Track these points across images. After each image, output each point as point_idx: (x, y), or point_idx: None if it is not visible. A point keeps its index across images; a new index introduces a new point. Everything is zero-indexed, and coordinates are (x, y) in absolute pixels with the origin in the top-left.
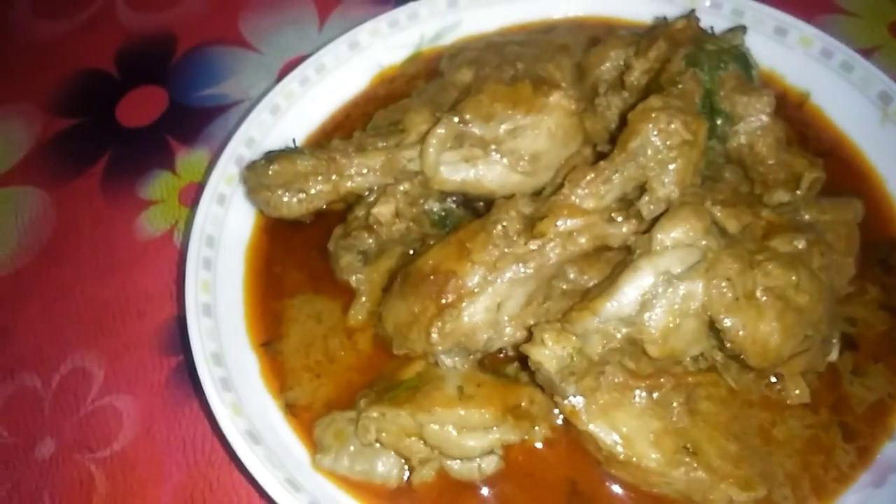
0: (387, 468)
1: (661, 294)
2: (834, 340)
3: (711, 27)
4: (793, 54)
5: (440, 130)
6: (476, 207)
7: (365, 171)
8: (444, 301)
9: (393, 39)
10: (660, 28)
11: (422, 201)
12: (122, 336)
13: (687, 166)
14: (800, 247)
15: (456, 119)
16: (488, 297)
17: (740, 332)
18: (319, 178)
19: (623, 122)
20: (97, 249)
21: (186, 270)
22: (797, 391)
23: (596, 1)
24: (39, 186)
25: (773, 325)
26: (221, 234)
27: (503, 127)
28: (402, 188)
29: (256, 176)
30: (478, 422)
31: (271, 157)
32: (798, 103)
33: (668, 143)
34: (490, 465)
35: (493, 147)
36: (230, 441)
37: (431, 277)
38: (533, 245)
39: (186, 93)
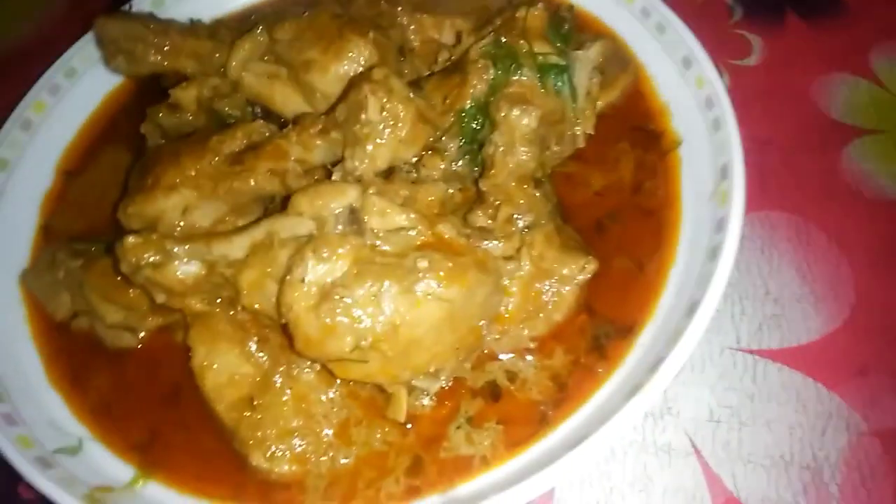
0: (64, 301)
1: (263, 248)
2: (442, 378)
3: (568, 27)
4: None
5: (247, 43)
6: (278, 123)
7: (192, 59)
8: (144, 182)
9: None
10: (507, 10)
11: (219, 101)
12: None
13: (381, 150)
14: (420, 265)
15: (265, 36)
16: (180, 198)
17: (290, 311)
18: (151, 48)
19: None
20: None
21: None
22: (395, 406)
23: None
24: None
25: (324, 321)
26: (91, 68)
27: (301, 57)
28: (213, 81)
29: (95, 26)
30: (117, 301)
31: (110, 13)
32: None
33: (374, 118)
34: (123, 339)
35: (295, 73)
36: None
37: (147, 167)
38: (232, 171)
39: None
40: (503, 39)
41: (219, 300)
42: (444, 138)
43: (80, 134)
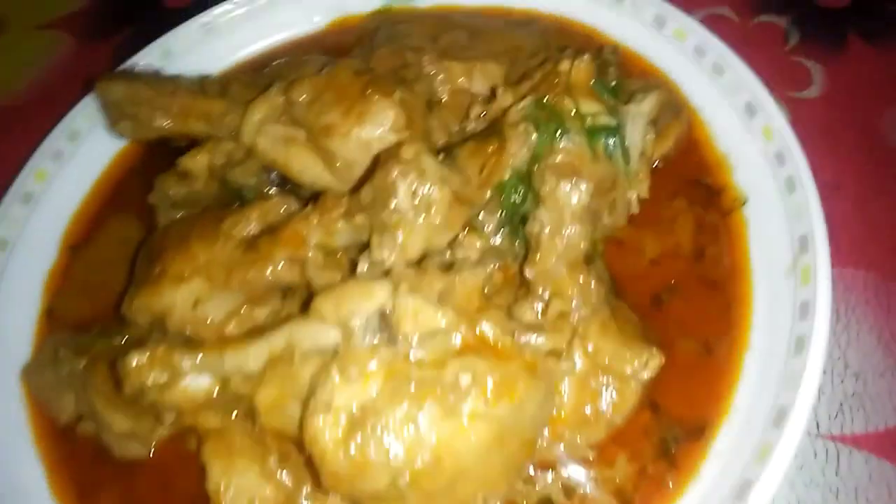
0: (67, 403)
1: (282, 362)
2: None
3: (617, 79)
4: None
5: (262, 103)
6: (297, 192)
7: (202, 121)
8: (152, 271)
9: None
10: (546, 60)
11: (232, 168)
12: None
13: (415, 240)
14: (463, 382)
15: (282, 97)
16: (190, 290)
17: (316, 444)
18: (157, 111)
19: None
20: None
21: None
22: None
23: (601, 10)
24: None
25: (354, 456)
26: (94, 129)
27: (321, 121)
28: (226, 146)
29: (95, 88)
30: (122, 409)
31: (112, 75)
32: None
33: (405, 206)
34: (132, 448)
35: (314, 137)
36: None
37: (153, 252)
38: (246, 259)
39: None
40: (545, 99)
41: (235, 413)
42: (481, 214)
43: (84, 203)
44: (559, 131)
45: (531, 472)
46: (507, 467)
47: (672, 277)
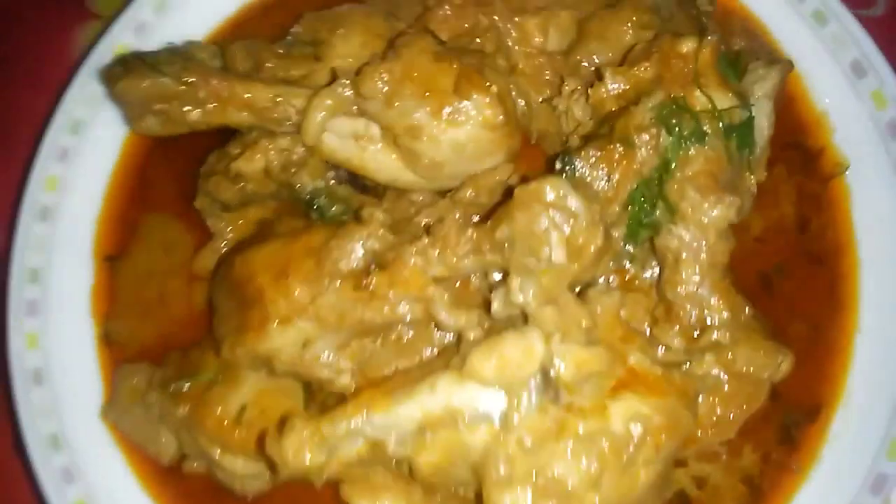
0: (168, 442)
1: (443, 426)
2: None
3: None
4: None
5: (327, 101)
6: (365, 186)
7: (245, 111)
8: (247, 321)
9: None
10: (664, 40)
11: (294, 170)
12: None
13: (557, 283)
14: (635, 432)
15: (349, 92)
16: (297, 333)
17: None
18: (189, 104)
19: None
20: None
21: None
22: None
23: None
24: None
25: None
26: (97, 114)
27: (405, 121)
28: (281, 143)
29: (110, 87)
30: (241, 453)
31: (125, 67)
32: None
33: (560, 260)
34: (254, 485)
35: (392, 135)
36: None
37: (243, 287)
38: (359, 298)
39: None
40: (674, 96)
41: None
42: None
43: (108, 206)
44: (695, 136)
45: None
46: (662, 489)
47: (778, 255)
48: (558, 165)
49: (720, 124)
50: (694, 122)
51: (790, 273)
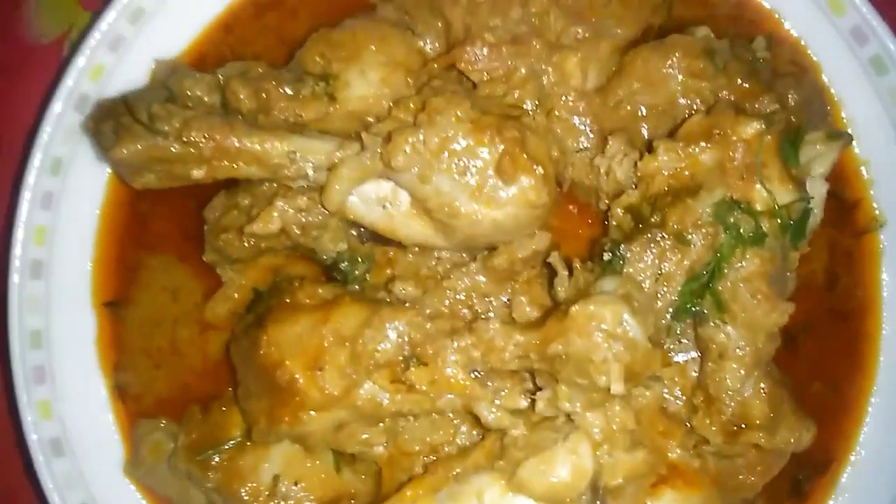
0: (197, 499)
1: None
2: None
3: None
4: None
5: (351, 167)
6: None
7: (255, 166)
8: (280, 406)
9: None
10: (725, 118)
11: (315, 234)
12: None
13: (606, 397)
14: None
15: (377, 161)
16: (330, 419)
17: None
18: (192, 164)
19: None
20: None
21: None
22: None
23: None
24: None
25: None
26: (77, 149)
27: (440, 199)
28: (299, 202)
29: (102, 153)
30: None
31: (115, 127)
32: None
33: (618, 390)
34: None
35: (423, 206)
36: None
37: (274, 372)
38: (397, 390)
39: None
40: (734, 196)
41: None
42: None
43: (102, 249)
44: (753, 236)
45: None
46: None
47: (806, 313)
48: (606, 257)
49: (779, 221)
50: (753, 224)
51: (815, 332)
